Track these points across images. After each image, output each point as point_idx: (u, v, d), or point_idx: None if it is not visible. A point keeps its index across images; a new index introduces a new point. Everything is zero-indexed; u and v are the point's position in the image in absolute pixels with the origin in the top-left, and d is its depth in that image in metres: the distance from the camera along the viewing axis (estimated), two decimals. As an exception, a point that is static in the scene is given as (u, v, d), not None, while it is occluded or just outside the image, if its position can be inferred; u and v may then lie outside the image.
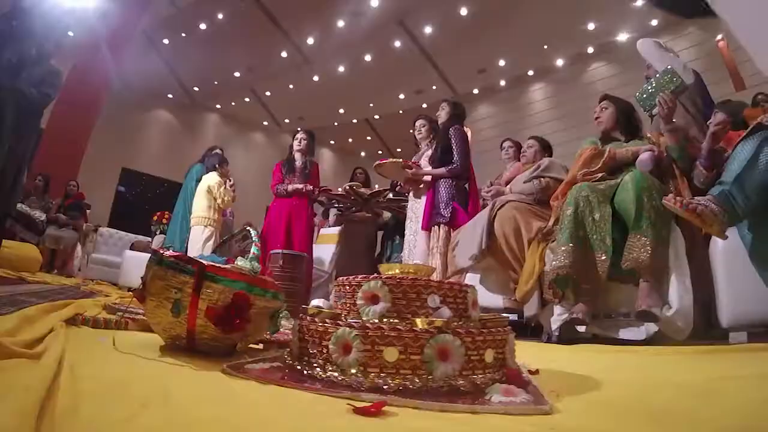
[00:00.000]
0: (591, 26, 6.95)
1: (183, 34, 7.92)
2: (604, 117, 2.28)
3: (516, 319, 2.34)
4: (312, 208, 4.05)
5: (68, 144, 6.40)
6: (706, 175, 1.84)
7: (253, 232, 1.02)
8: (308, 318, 0.85)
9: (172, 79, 9.38)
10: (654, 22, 6.68)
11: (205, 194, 3.88)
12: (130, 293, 0.99)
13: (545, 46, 7.54)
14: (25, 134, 2.95)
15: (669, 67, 2.10)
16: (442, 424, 0.61)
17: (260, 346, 1.18)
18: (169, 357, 0.87)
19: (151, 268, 0.91)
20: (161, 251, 0.90)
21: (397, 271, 0.93)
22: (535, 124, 7.45)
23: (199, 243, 3.79)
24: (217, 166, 4.06)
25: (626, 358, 1.41)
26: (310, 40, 8.08)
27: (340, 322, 0.79)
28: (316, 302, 0.97)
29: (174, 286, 0.86)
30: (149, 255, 0.95)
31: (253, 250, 0.95)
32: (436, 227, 2.87)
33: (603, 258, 1.79)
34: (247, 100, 10.24)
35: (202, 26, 7.71)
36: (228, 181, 4.04)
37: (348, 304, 0.89)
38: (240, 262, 0.91)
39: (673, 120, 2.00)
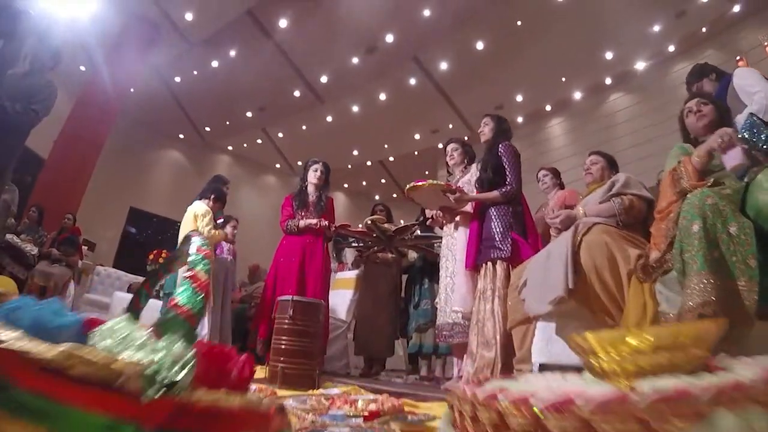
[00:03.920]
0: (608, 55, 6.73)
1: (195, 72, 7.80)
2: (707, 113, 1.73)
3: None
4: (327, 247, 3.48)
5: (69, 176, 6.06)
6: None
7: (196, 239, 0.43)
8: None
9: (183, 117, 9.23)
10: (671, 48, 6.47)
11: (192, 225, 3.28)
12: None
13: (563, 79, 7.32)
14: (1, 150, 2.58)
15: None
16: None
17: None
18: None
19: None
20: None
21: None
22: (555, 160, 7.03)
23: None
24: (211, 196, 3.51)
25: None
26: (324, 79, 7.90)
27: None
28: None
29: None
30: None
31: (180, 294, 0.32)
32: (489, 264, 2.27)
33: (746, 286, 1.26)
34: (259, 141, 10.03)
35: (214, 63, 7.59)
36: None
37: None
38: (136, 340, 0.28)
39: None
